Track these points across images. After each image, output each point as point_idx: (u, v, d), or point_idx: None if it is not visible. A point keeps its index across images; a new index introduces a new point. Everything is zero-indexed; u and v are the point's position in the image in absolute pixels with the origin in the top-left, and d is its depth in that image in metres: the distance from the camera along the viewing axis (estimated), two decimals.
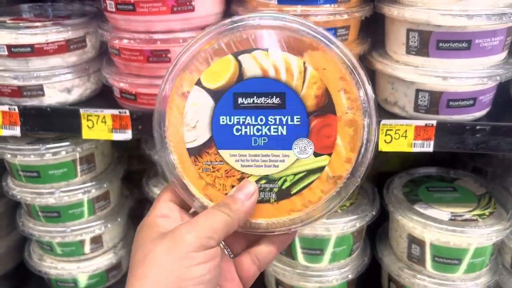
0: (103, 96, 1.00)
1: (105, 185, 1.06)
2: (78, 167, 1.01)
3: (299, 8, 0.82)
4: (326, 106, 0.47)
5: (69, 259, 1.10)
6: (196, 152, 0.49)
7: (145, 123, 0.89)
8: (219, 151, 0.49)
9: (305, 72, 0.47)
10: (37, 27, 0.88)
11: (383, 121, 0.84)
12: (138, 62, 0.86)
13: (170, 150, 0.50)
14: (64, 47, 0.91)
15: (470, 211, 0.97)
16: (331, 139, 0.48)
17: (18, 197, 1.02)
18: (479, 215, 0.96)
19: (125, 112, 0.89)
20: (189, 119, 0.49)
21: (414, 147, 0.84)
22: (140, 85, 0.87)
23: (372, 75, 0.93)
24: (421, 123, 0.83)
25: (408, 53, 0.83)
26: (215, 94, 0.48)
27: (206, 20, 0.87)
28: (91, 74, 0.97)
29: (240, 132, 0.49)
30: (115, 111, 0.90)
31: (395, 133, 0.84)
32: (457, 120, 0.84)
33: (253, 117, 0.48)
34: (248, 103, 0.48)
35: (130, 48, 0.85)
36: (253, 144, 0.49)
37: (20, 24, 0.89)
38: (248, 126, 0.49)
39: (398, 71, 0.84)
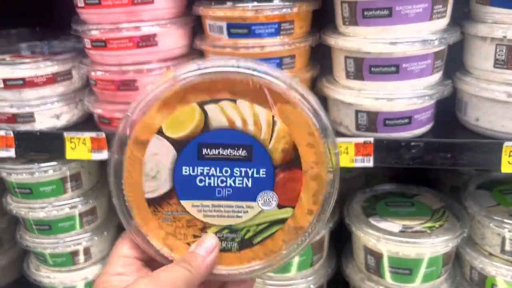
0: (89, 122, 1.13)
1: (91, 201, 1.17)
2: (66, 184, 1.14)
3: (251, 41, 0.93)
4: (293, 161, 0.47)
5: (61, 269, 1.21)
6: (155, 203, 0.48)
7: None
8: (180, 201, 0.48)
9: (274, 125, 0.47)
10: (28, 62, 1.02)
11: None
12: (111, 91, 0.98)
13: (126, 200, 0.48)
14: (52, 79, 1.05)
15: (422, 224, 1.03)
16: (295, 192, 0.48)
17: (14, 212, 1.15)
18: (429, 227, 1.02)
19: (102, 135, 1.01)
20: (149, 168, 0.47)
21: (356, 162, 0.92)
22: (113, 111, 0.99)
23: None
24: (360, 140, 0.91)
25: (348, 77, 0.93)
26: (178, 144, 0.47)
27: (171, 53, 0.99)
28: (78, 102, 1.10)
29: (203, 182, 0.48)
30: (93, 134, 1.02)
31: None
32: (395, 137, 0.92)
33: (217, 169, 0.47)
34: (213, 154, 0.47)
35: (104, 79, 0.98)
36: (217, 195, 0.48)
37: (16, 61, 1.04)
38: (212, 177, 0.48)
39: (338, 94, 0.93)
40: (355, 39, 0.88)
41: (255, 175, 0.48)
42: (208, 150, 0.47)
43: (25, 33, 1.48)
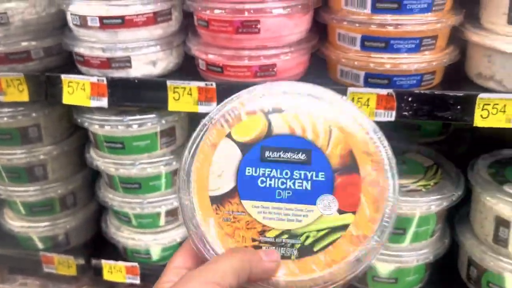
0: (184, 71, 1.01)
1: None
2: (161, 140, 1.03)
3: None
4: (351, 166, 0.49)
5: (145, 230, 1.13)
6: (218, 201, 0.50)
7: (230, 96, 0.89)
8: (242, 201, 0.50)
9: (330, 133, 0.49)
10: None
11: (481, 95, 0.81)
12: (227, 34, 0.86)
13: (192, 196, 0.50)
14: (152, 20, 0.92)
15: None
16: (355, 197, 0.49)
17: (102, 168, 1.05)
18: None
19: (212, 85, 0.90)
20: (216, 167, 0.50)
21: None
22: (228, 57, 0.87)
23: (464, 49, 0.89)
24: None
25: (510, 23, 0.79)
26: (243, 147, 0.50)
27: None
28: (173, 48, 0.98)
29: (264, 183, 0.50)
30: (202, 84, 0.90)
31: (493, 108, 0.81)
32: None
33: (278, 170, 0.50)
34: (274, 157, 0.50)
35: (220, 19, 0.85)
36: (276, 197, 0.50)
37: None
38: (273, 179, 0.50)
39: (498, 43, 0.80)
40: None
41: (314, 178, 0.49)
42: (270, 152, 0.50)
43: None
